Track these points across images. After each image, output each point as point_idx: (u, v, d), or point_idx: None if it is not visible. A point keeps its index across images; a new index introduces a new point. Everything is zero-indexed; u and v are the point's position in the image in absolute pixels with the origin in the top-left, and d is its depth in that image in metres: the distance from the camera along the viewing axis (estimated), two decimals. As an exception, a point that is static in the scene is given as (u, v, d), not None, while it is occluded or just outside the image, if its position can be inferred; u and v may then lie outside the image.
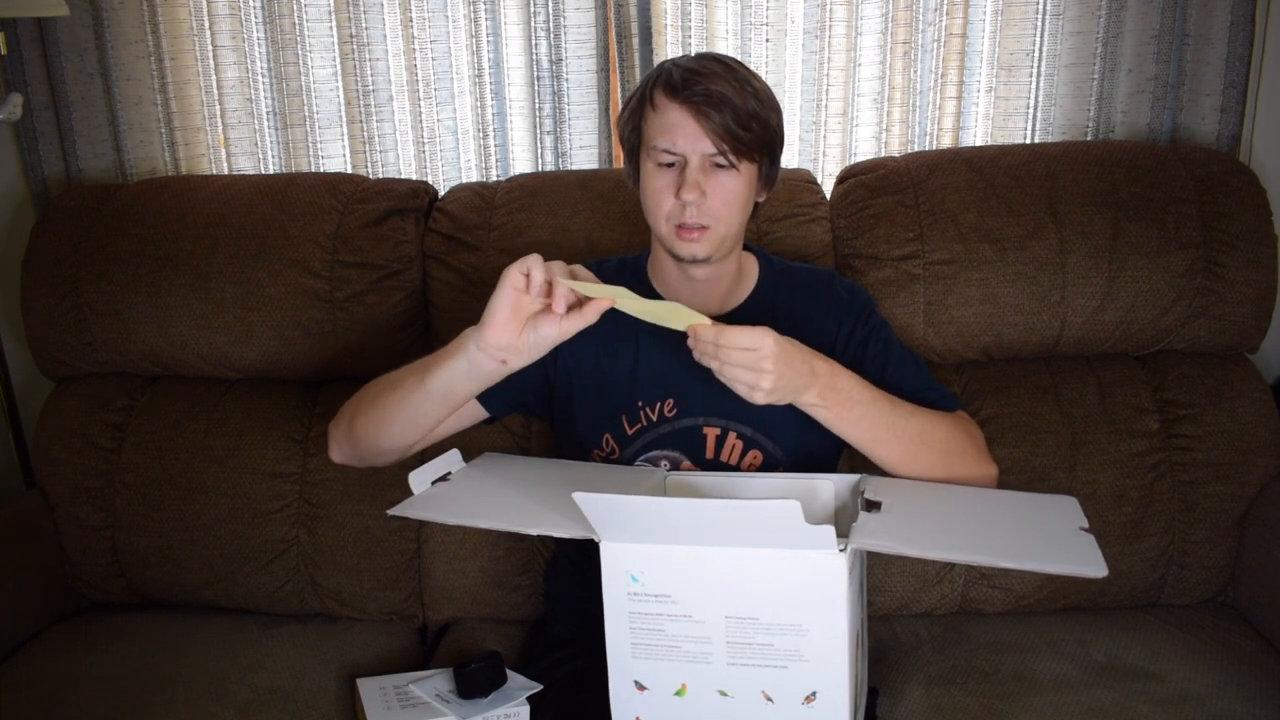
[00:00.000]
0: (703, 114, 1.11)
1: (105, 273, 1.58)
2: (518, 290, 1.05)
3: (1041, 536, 1.01)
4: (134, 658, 1.44)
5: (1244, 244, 1.50)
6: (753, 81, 1.15)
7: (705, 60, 1.16)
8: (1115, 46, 1.71)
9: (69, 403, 1.64)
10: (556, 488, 1.09)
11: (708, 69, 1.13)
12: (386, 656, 1.45)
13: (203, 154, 1.85)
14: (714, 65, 1.14)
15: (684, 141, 1.12)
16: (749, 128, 1.12)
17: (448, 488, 1.12)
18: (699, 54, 1.19)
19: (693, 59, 1.17)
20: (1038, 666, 1.35)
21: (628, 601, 0.97)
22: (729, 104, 1.11)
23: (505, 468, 1.23)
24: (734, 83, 1.13)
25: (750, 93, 1.13)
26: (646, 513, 0.93)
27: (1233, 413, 1.51)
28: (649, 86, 1.16)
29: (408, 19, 1.79)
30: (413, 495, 1.11)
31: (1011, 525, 1.04)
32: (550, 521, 0.99)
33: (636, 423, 1.23)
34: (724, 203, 1.14)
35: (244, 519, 1.55)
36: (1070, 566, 0.91)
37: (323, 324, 1.57)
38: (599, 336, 1.17)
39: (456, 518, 1.05)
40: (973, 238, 1.51)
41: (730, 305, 1.27)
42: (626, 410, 1.23)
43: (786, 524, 0.88)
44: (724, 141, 1.11)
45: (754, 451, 1.23)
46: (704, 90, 1.11)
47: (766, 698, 0.96)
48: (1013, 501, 1.12)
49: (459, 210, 1.62)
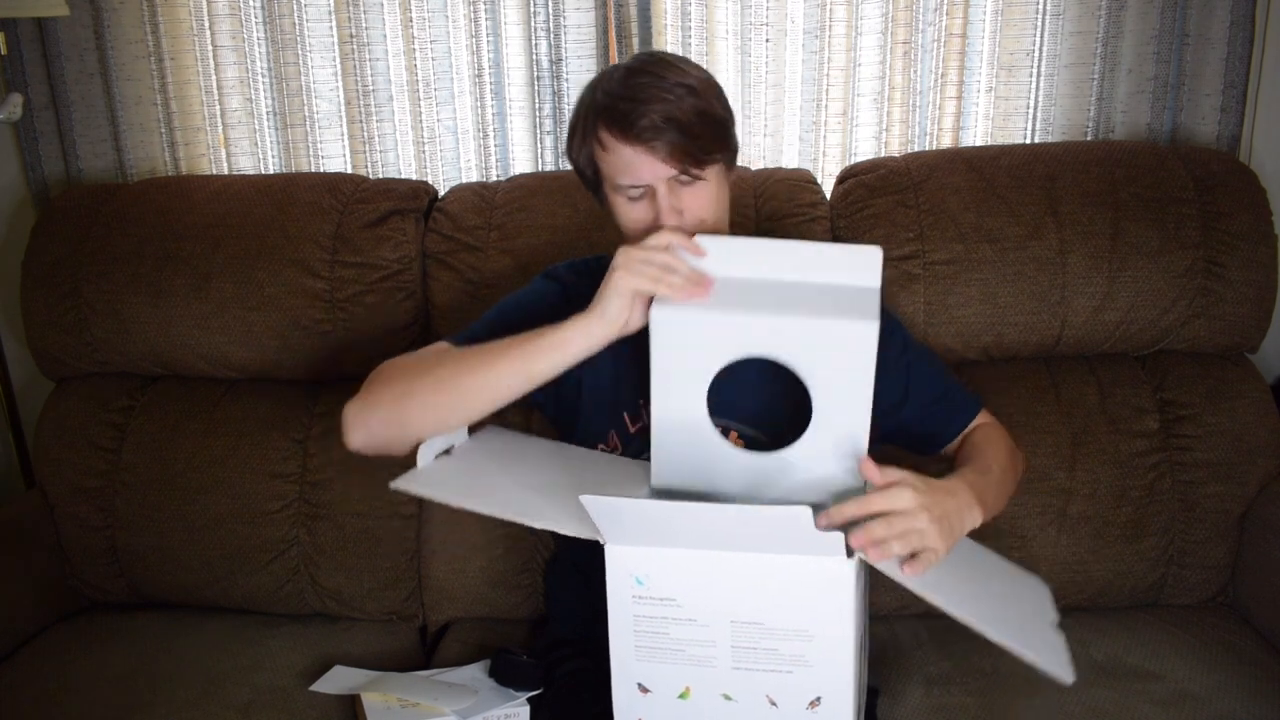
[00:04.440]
0: (653, 147, 1.09)
1: (105, 273, 1.58)
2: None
3: (1020, 617, 1.02)
4: (134, 658, 1.44)
5: (1244, 244, 1.50)
6: (686, 79, 1.12)
7: (636, 80, 1.11)
8: (1115, 46, 1.71)
9: (69, 403, 1.64)
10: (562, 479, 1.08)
11: (641, 92, 1.10)
12: (386, 656, 1.45)
13: (203, 154, 1.85)
14: (645, 83, 1.11)
15: (645, 174, 1.11)
16: (699, 135, 1.10)
17: (452, 464, 1.10)
18: (628, 68, 1.13)
19: (621, 80, 1.12)
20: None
21: (632, 604, 0.97)
22: (674, 123, 1.09)
23: (511, 446, 1.20)
24: (669, 94, 1.10)
25: (686, 92, 1.10)
26: (654, 517, 0.93)
27: (1233, 413, 1.51)
28: (591, 123, 1.13)
29: (408, 19, 1.79)
30: (416, 468, 1.09)
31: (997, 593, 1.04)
32: (555, 518, 0.98)
33: (639, 421, 1.23)
34: (700, 210, 1.14)
35: (244, 519, 1.55)
36: (1044, 661, 0.92)
37: (323, 324, 1.57)
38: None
39: (460, 499, 1.03)
40: (973, 238, 1.51)
41: None
42: (629, 409, 1.24)
43: (795, 530, 0.88)
44: (682, 162, 1.10)
45: None
46: (646, 122, 1.08)
47: (770, 702, 0.96)
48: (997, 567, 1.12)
49: (459, 210, 1.62)
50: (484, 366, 1.08)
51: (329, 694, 1.34)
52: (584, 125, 1.15)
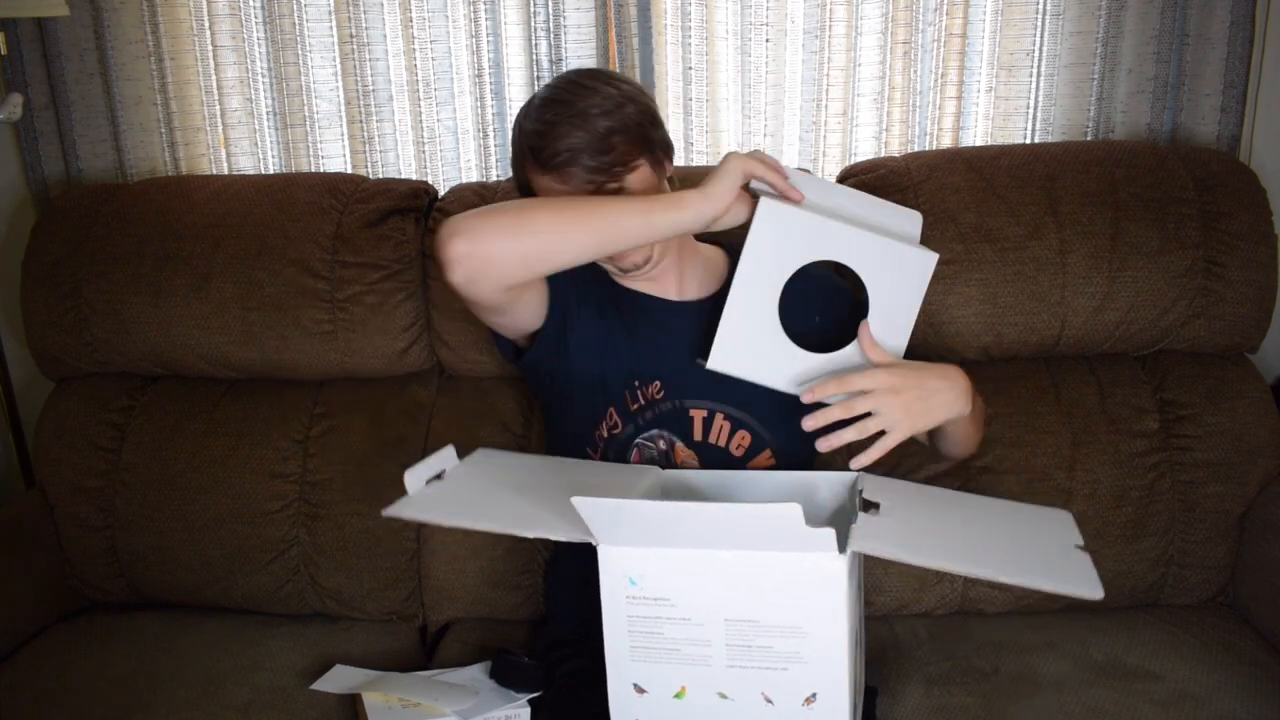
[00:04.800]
0: (566, 175, 1.14)
1: (105, 273, 1.58)
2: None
3: (1038, 551, 1.01)
4: (134, 658, 1.44)
5: (1244, 244, 1.50)
6: (596, 96, 1.15)
7: (547, 113, 1.15)
8: (1115, 46, 1.71)
9: (69, 403, 1.64)
10: (553, 488, 1.09)
11: (552, 128, 1.13)
12: (386, 656, 1.45)
13: (203, 154, 1.85)
14: (556, 116, 1.14)
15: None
16: (608, 151, 1.13)
17: (443, 486, 1.12)
18: (543, 100, 1.17)
19: (537, 113, 1.16)
20: (1038, 666, 1.35)
21: (626, 604, 0.97)
22: (583, 150, 1.12)
23: (500, 466, 1.23)
24: (577, 120, 1.13)
25: (596, 114, 1.13)
26: (645, 517, 0.93)
27: (1233, 413, 1.51)
28: (520, 161, 1.19)
29: (408, 19, 1.79)
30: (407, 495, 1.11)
31: (1008, 537, 1.03)
32: (547, 524, 0.99)
33: (635, 402, 1.25)
34: None
35: (244, 519, 1.55)
36: (1066, 586, 0.91)
37: (323, 324, 1.57)
38: (595, 322, 1.24)
39: (452, 519, 1.04)
40: (973, 238, 1.51)
41: (701, 295, 1.29)
42: (628, 389, 1.26)
43: (787, 527, 0.88)
44: (595, 182, 1.14)
45: (742, 432, 1.25)
46: (552, 154, 1.13)
47: (766, 699, 0.96)
48: (1008, 511, 1.12)
49: (459, 210, 1.61)
50: (607, 206, 1.11)
51: (329, 694, 1.34)
52: (516, 158, 1.21)
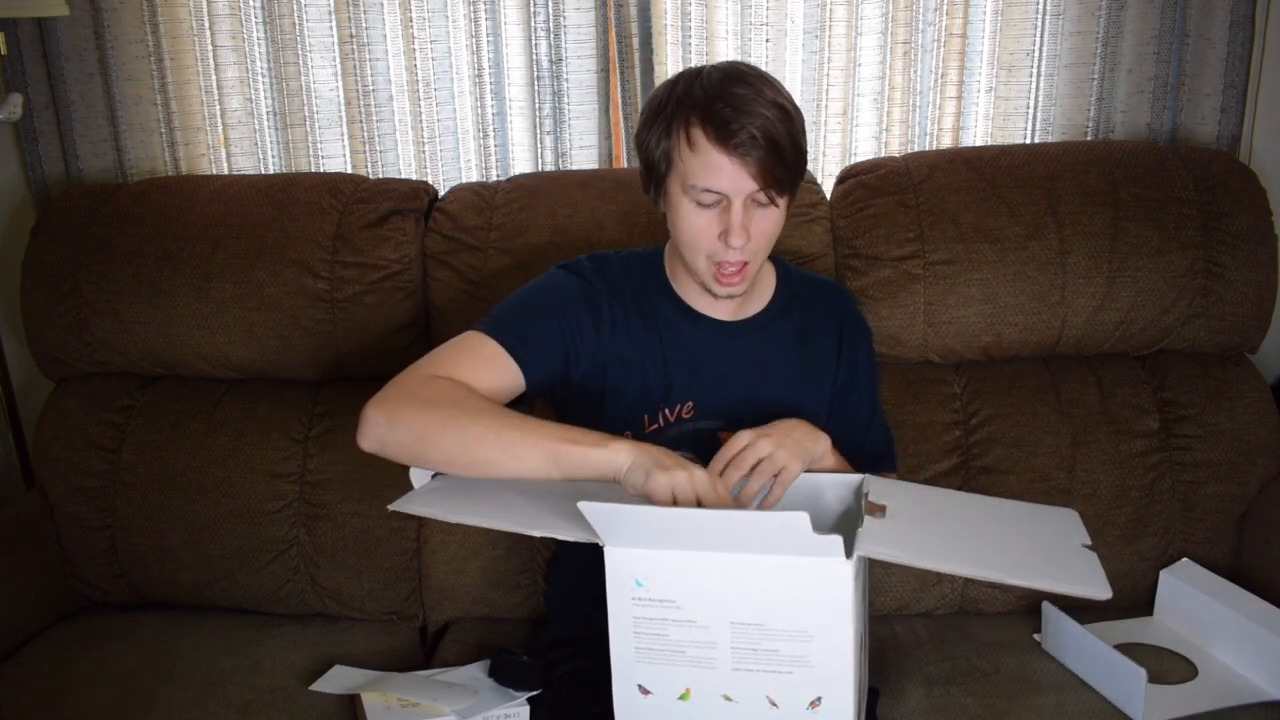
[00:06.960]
0: (745, 160, 1.07)
1: (105, 273, 1.58)
2: None
3: (1045, 552, 1.00)
4: (134, 658, 1.44)
5: (1244, 244, 1.50)
6: (780, 99, 1.10)
7: (735, 87, 1.08)
8: (1115, 46, 1.71)
9: (69, 403, 1.64)
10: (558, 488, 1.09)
11: (743, 102, 1.07)
12: (386, 656, 1.45)
13: (203, 154, 1.85)
14: (745, 94, 1.08)
15: (728, 184, 1.09)
16: (790, 163, 1.09)
17: (448, 482, 1.11)
18: (725, 73, 1.10)
19: (719, 83, 1.09)
20: (1038, 666, 1.35)
21: (632, 606, 0.97)
22: (770, 142, 1.07)
23: None
24: (768, 110, 1.08)
25: (781, 115, 1.09)
26: (653, 522, 0.93)
27: (1233, 413, 1.51)
28: (684, 119, 1.10)
29: (408, 19, 1.79)
30: (413, 489, 1.10)
31: (1015, 538, 1.03)
32: (552, 524, 0.99)
33: (654, 423, 1.23)
34: (765, 237, 1.14)
35: (244, 519, 1.55)
36: (1074, 587, 0.91)
37: (323, 324, 1.57)
38: (628, 338, 1.21)
39: (458, 515, 1.04)
40: (973, 238, 1.51)
41: (744, 314, 1.26)
42: (648, 411, 1.24)
43: (794, 534, 0.88)
44: (768, 183, 1.09)
45: None
46: (744, 134, 1.06)
47: (771, 703, 0.96)
48: (1015, 511, 1.11)
49: (459, 210, 1.62)
50: (514, 446, 1.05)
51: (329, 694, 1.34)
52: (672, 117, 1.11)
